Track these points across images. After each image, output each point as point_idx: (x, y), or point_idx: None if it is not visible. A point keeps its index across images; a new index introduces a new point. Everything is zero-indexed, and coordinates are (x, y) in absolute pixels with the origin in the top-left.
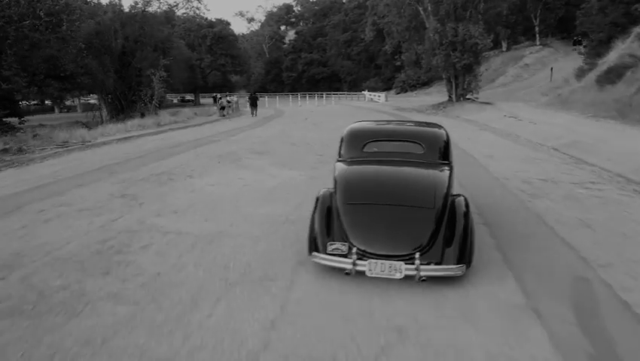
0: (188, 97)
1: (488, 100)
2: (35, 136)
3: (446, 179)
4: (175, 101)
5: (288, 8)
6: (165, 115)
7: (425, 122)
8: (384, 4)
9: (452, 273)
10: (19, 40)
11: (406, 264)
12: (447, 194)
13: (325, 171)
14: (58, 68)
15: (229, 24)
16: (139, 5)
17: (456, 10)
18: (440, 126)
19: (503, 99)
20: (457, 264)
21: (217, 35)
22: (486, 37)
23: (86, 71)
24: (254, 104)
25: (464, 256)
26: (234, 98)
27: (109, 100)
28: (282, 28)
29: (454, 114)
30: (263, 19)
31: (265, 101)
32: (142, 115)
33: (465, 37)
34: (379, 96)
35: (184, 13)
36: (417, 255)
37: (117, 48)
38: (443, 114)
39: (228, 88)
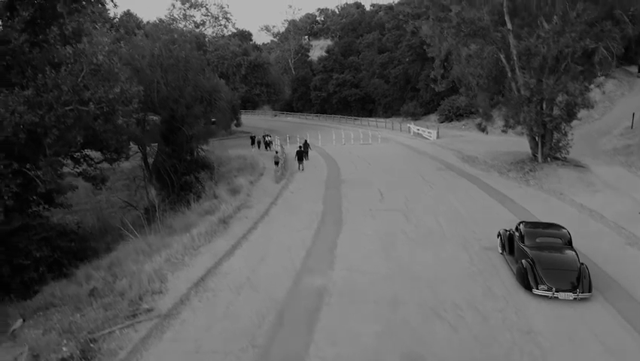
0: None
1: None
2: (92, 293)
3: (577, 255)
4: None
5: (311, 18)
6: (223, 193)
7: (557, 225)
8: (466, 54)
9: (588, 296)
10: (60, 128)
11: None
12: (580, 262)
13: None
14: (99, 141)
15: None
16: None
17: (551, 65)
18: (564, 228)
19: (587, 153)
20: (589, 292)
21: (253, 64)
22: (586, 93)
23: (130, 137)
24: (301, 157)
25: (590, 290)
26: (273, 140)
27: (153, 168)
28: (306, 39)
29: (551, 187)
30: (283, 28)
31: (291, 123)
32: (197, 196)
33: (560, 93)
34: (429, 132)
35: (213, 32)
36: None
37: (165, 112)
38: (538, 186)
39: (252, 105)
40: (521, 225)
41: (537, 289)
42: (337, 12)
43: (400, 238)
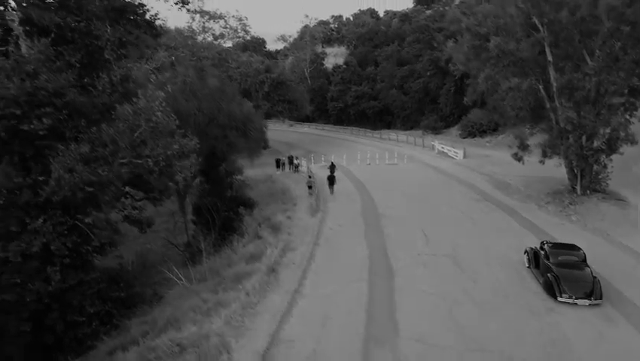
0: None
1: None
2: None
3: (591, 271)
4: None
5: (324, 25)
6: (265, 233)
7: (575, 246)
8: (506, 87)
9: (600, 302)
10: (116, 184)
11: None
12: (593, 276)
13: None
14: (144, 183)
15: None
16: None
17: (593, 99)
18: (581, 248)
19: (624, 183)
20: (600, 299)
21: (276, 81)
22: (629, 126)
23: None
24: (332, 182)
25: (601, 297)
26: (300, 162)
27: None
28: (321, 47)
29: (595, 225)
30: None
31: (309, 135)
32: (239, 234)
33: (603, 126)
34: (455, 152)
35: (234, 39)
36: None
37: (205, 146)
38: (581, 224)
39: (267, 114)
40: (545, 245)
41: (561, 297)
42: (352, 20)
43: (462, 298)
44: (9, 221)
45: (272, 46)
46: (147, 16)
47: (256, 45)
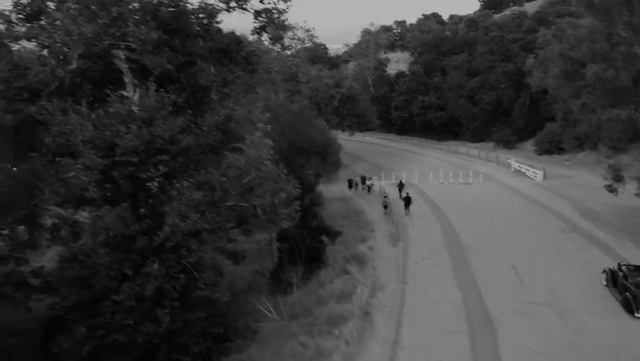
0: None
1: None
2: None
3: None
4: None
5: (388, 31)
6: (352, 268)
7: None
8: (606, 117)
9: None
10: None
11: None
12: None
13: None
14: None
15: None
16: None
17: None
18: None
19: None
20: None
21: (346, 96)
22: None
23: None
24: (408, 204)
25: None
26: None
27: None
28: (383, 53)
29: None
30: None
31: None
32: (324, 264)
33: None
34: (534, 172)
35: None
36: None
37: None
38: None
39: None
40: (623, 267)
41: (637, 313)
42: (415, 25)
43: (570, 359)
44: (124, 264)
45: (329, 44)
46: (245, 53)
47: (318, 52)
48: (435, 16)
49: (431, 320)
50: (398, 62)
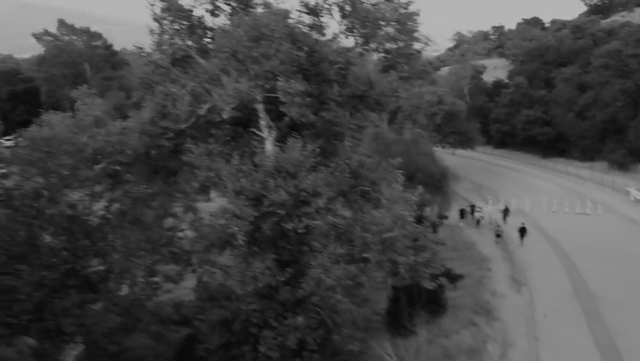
0: None
1: None
2: None
3: None
4: None
5: (484, 36)
6: (478, 317)
7: None
8: None
9: None
10: None
11: None
12: None
13: None
14: None
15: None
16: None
17: None
18: None
19: None
20: None
21: (449, 113)
22: None
23: None
24: (523, 234)
25: None
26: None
27: None
28: (481, 61)
29: None
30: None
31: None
32: (442, 307)
33: None
34: None
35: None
36: None
37: None
38: None
39: None
40: None
41: None
42: (515, 31)
43: None
44: (266, 313)
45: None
46: (375, 95)
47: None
48: (537, 22)
49: None
50: (495, 69)
